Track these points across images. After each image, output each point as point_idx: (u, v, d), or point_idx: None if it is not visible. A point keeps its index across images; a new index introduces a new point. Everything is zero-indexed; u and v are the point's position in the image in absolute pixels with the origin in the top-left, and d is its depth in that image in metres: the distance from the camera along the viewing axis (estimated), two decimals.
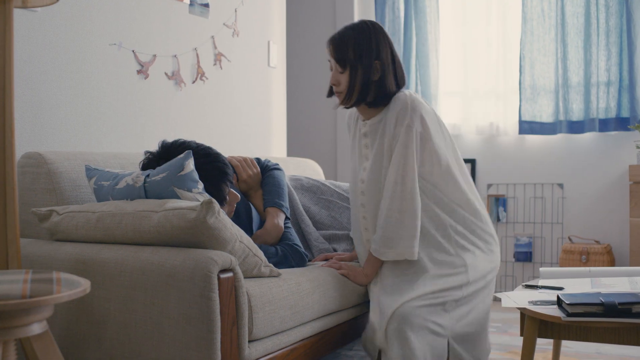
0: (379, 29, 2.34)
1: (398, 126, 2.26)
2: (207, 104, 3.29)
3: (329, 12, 5.12)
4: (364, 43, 2.30)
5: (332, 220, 2.71)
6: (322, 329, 2.21)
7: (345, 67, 2.32)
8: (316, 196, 2.82)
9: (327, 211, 2.75)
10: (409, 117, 2.25)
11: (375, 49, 2.30)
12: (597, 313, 1.84)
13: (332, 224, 2.72)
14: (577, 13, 4.22)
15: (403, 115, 2.25)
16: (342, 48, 2.32)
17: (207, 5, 3.27)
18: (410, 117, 2.25)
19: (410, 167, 2.24)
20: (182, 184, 1.95)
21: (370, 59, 2.29)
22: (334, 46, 2.34)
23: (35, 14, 2.38)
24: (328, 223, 2.71)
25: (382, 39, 2.33)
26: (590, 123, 4.19)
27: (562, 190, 4.40)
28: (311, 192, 2.83)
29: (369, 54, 2.29)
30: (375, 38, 2.31)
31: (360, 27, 2.33)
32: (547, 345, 3.10)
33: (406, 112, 2.25)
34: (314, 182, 2.88)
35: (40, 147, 2.38)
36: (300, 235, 2.66)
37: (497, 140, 4.59)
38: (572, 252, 4.13)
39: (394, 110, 2.28)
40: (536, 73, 4.36)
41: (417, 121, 2.25)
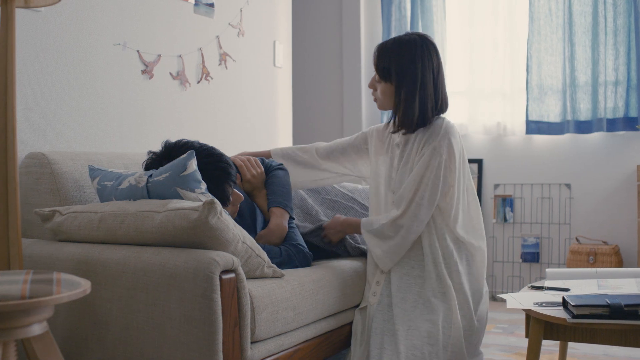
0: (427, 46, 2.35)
1: (426, 145, 2.31)
2: (213, 104, 3.28)
3: (335, 12, 5.11)
4: (411, 63, 2.32)
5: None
6: (326, 330, 2.20)
7: (386, 80, 2.38)
8: (321, 196, 2.81)
9: (332, 211, 2.74)
10: (438, 141, 2.29)
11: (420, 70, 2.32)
12: (603, 315, 1.81)
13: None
14: (584, 12, 4.20)
15: (434, 137, 2.31)
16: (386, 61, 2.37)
17: (212, 5, 3.27)
18: (440, 141, 2.29)
19: (422, 189, 2.27)
20: (184, 184, 1.95)
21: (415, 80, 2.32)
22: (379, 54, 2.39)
23: (39, 14, 2.38)
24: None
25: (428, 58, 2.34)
26: (598, 123, 4.17)
27: (569, 190, 4.37)
28: (316, 192, 2.82)
29: (413, 77, 2.32)
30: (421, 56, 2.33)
31: (408, 42, 2.35)
32: (554, 346, 3.08)
33: (437, 135, 2.30)
34: None
35: (44, 147, 2.38)
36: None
37: (504, 140, 4.57)
38: (580, 252, 4.10)
39: (426, 133, 2.35)
40: (543, 72, 4.33)
41: (445, 147, 2.29)
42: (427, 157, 2.28)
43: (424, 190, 2.27)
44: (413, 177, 2.29)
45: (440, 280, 2.26)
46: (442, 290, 2.25)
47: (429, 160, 2.28)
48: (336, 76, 5.10)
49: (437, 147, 2.28)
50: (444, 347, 2.13)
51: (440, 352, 2.12)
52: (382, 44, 2.40)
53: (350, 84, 5.04)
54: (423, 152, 2.30)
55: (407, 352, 2.09)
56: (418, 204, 2.27)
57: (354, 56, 5.02)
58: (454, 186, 2.32)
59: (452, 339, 2.15)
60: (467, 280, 2.30)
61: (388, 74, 2.36)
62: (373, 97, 2.48)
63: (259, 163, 2.59)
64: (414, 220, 2.28)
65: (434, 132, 2.32)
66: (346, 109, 5.05)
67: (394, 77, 2.35)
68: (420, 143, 2.33)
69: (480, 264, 2.38)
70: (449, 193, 2.32)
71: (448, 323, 2.18)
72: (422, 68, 2.32)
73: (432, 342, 2.11)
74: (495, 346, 3.16)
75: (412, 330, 2.16)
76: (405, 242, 2.30)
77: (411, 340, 2.12)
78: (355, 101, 5.02)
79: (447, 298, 2.23)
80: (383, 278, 2.33)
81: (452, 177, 2.32)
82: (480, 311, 2.30)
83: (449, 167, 2.30)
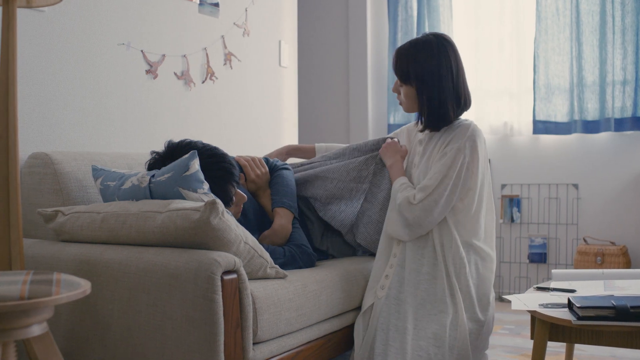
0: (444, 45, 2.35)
1: (450, 145, 2.30)
2: (217, 103, 3.27)
3: (341, 11, 5.10)
4: (429, 64, 2.33)
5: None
6: (330, 331, 2.19)
7: (407, 82, 2.38)
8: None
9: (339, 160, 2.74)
10: (463, 142, 2.27)
11: (437, 70, 2.32)
12: (609, 317, 1.80)
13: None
14: (592, 11, 4.17)
15: (459, 138, 2.29)
16: (404, 64, 2.37)
17: (217, 4, 3.26)
18: (465, 142, 2.28)
19: (444, 187, 2.25)
20: (187, 185, 1.94)
21: (433, 81, 2.33)
22: (398, 58, 2.39)
23: (43, 14, 2.38)
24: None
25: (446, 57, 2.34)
26: (606, 123, 4.14)
27: (577, 190, 4.34)
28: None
29: (431, 77, 2.33)
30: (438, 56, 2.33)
31: (425, 43, 2.35)
32: (560, 347, 3.06)
33: (463, 136, 2.29)
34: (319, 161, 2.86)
35: (48, 147, 2.38)
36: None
37: (511, 140, 4.54)
38: (587, 253, 4.07)
39: (451, 133, 2.33)
40: (550, 72, 4.30)
41: (468, 151, 2.27)
42: (450, 156, 2.27)
43: (444, 188, 2.25)
44: (436, 172, 2.28)
45: (449, 281, 2.24)
46: (451, 291, 2.23)
47: (453, 160, 2.26)
48: (342, 76, 5.09)
49: (461, 148, 2.27)
50: (450, 349, 2.11)
51: (447, 353, 2.10)
52: (400, 48, 2.40)
53: (356, 83, 5.02)
54: (445, 152, 2.29)
55: (413, 352, 2.07)
56: (435, 200, 2.25)
57: (360, 56, 5.00)
58: (474, 190, 2.30)
59: (458, 341, 2.13)
60: (475, 284, 2.27)
61: (408, 77, 2.37)
62: (399, 101, 2.48)
63: (263, 163, 2.58)
64: (428, 215, 2.26)
65: (460, 133, 2.30)
66: (352, 109, 5.03)
67: (414, 80, 2.35)
68: (444, 142, 2.32)
69: (489, 270, 2.34)
70: (467, 196, 2.30)
71: (454, 325, 2.16)
72: (438, 67, 2.31)
73: (438, 344, 2.09)
74: (502, 347, 3.14)
75: (418, 330, 2.14)
76: (412, 232, 2.29)
77: (417, 341, 2.10)
78: (361, 101, 5.01)
79: (454, 300, 2.21)
80: (392, 272, 2.30)
81: (472, 180, 2.29)
82: (487, 315, 2.28)
83: (471, 169, 2.28)
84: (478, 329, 2.22)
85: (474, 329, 2.21)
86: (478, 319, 2.23)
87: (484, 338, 2.26)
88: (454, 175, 2.25)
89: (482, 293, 2.29)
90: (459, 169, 2.26)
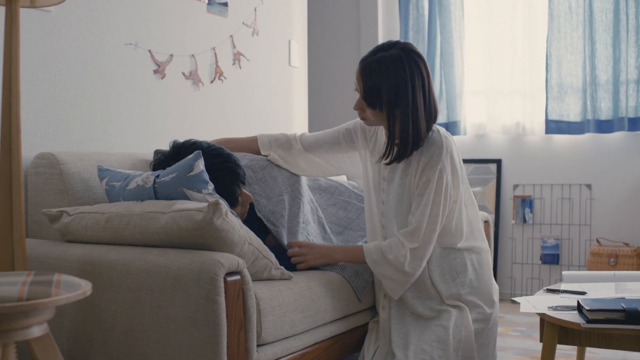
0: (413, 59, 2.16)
1: (429, 168, 2.16)
2: (226, 104, 3.26)
3: (352, 10, 5.07)
4: (400, 85, 2.13)
5: (348, 222, 2.66)
6: (336, 333, 2.17)
7: (374, 107, 2.18)
8: (334, 197, 2.77)
9: (344, 212, 2.70)
10: (442, 163, 2.16)
11: (411, 90, 2.14)
12: (619, 320, 1.76)
13: (349, 225, 2.67)
14: (605, 9, 4.12)
15: (437, 159, 2.16)
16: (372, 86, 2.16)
17: (226, 4, 3.25)
18: (444, 162, 2.17)
19: (435, 214, 2.16)
20: (191, 185, 1.93)
21: (407, 105, 2.14)
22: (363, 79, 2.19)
23: (49, 14, 2.37)
24: (344, 224, 2.66)
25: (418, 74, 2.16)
26: (619, 122, 4.09)
27: (590, 191, 4.29)
28: (329, 192, 2.78)
29: (405, 98, 2.14)
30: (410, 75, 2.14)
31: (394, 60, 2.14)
32: (572, 350, 3.02)
33: (440, 156, 2.16)
34: (332, 182, 2.84)
35: (55, 147, 2.38)
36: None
37: (524, 140, 4.50)
38: (600, 254, 4.03)
39: (429, 150, 2.18)
40: (563, 71, 4.26)
41: (449, 168, 2.18)
42: (435, 182, 2.15)
43: (435, 215, 2.16)
44: (424, 206, 2.15)
45: (451, 292, 2.20)
46: (454, 300, 2.19)
47: (436, 185, 2.15)
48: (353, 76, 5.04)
49: (442, 169, 2.16)
50: (455, 351, 2.08)
51: (452, 355, 2.07)
52: (365, 64, 2.19)
53: None
54: (428, 175, 2.16)
55: (415, 356, 2.04)
56: (432, 230, 2.16)
57: None
58: (457, 201, 2.24)
59: (462, 343, 2.10)
60: (478, 286, 2.24)
61: (377, 100, 2.16)
62: (360, 117, 2.29)
63: None
64: (430, 245, 2.18)
65: (437, 152, 2.16)
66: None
67: (385, 104, 2.15)
68: (422, 162, 2.17)
69: (486, 266, 2.30)
70: (452, 209, 2.23)
71: (459, 326, 2.12)
72: (412, 89, 2.13)
73: (442, 347, 2.06)
74: (512, 349, 3.11)
75: (421, 334, 2.12)
76: (422, 269, 2.20)
77: (420, 345, 2.08)
78: None
79: (457, 304, 2.18)
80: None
81: (456, 193, 2.22)
82: (494, 307, 2.24)
83: (454, 185, 2.21)
84: (484, 325, 2.19)
85: (480, 328, 2.17)
86: (485, 314, 2.20)
87: (490, 332, 2.22)
88: (441, 198, 2.16)
89: (486, 291, 2.25)
90: (444, 191, 2.16)
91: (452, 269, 2.22)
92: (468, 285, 2.21)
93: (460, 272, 2.22)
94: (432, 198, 2.15)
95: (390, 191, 2.28)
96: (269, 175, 2.47)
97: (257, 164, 2.48)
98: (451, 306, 2.19)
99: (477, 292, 2.22)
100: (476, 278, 2.24)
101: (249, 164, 2.45)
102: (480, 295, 2.23)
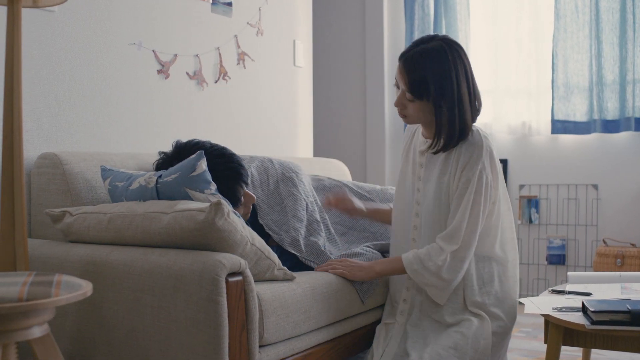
0: (455, 50, 2.14)
1: (469, 168, 2.12)
2: (231, 104, 3.26)
3: (357, 9, 5.06)
4: (445, 75, 2.10)
5: (352, 222, 2.65)
6: (339, 334, 2.16)
7: (422, 98, 2.13)
8: None
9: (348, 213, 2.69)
10: (482, 163, 2.12)
11: (455, 80, 2.11)
12: (624, 321, 1.75)
13: (353, 226, 2.66)
14: (612, 8, 4.09)
15: (477, 158, 2.12)
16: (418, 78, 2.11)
17: (230, 4, 3.24)
18: (484, 162, 2.12)
19: (475, 214, 2.11)
20: (194, 185, 1.92)
21: (452, 95, 2.11)
22: (407, 72, 2.13)
23: (52, 14, 2.37)
24: (348, 225, 2.65)
25: (460, 64, 2.13)
26: (626, 122, 4.06)
27: (596, 191, 4.27)
28: (332, 193, 2.77)
29: (450, 89, 2.11)
30: (454, 66, 2.11)
31: (437, 51, 2.11)
32: (577, 352, 3.00)
33: (480, 156, 2.12)
34: (336, 182, 2.83)
35: (59, 147, 2.38)
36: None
37: (530, 140, 4.48)
38: (607, 255, 4.00)
39: (469, 149, 2.14)
40: (569, 71, 4.23)
41: (489, 168, 2.14)
42: (475, 182, 2.11)
43: (476, 215, 2.11)
44: (464, 207, 2.11)
45: (475, 299, 2.15)
46: (477, 309, 2.14)
47: (476, 184, 2.11)
48: (359, 76, 5.05)
49: (482, 169, 2.11)
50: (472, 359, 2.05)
51: None
52: (408, 56, 2.14)
53: (373, 83, 4.99)
54: (468, 176, 2.12)
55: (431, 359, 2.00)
56: (473, 231, 2.11)
57: (377, 55, 4.96)
58: (496, 202, 2.19)
59: (479, 354, 2.05)
60: (503, 298, 2.17)
61: (423, 91, 2.11)
62: (400, 114, 2.22)
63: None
64: (471, 248, 2.12)
65: (477, 151, 2.13)
66: (369, 109, 5.00)
67: (433, 93, 2.11)
68: (462, 161, 2.14)
69: (512, 278, 2.25)
70: (492, 211, 2.19)
71: (478, 338, 2.07)
72: (457, 79, 2.11)
73: (458, 355, 2.01)
74: (518, 350, 3.09)
75: (438, 340, 2.07)
76: (463, 272, 2.14)
77: (437, 349, 2.03)
78: (378, 101, 4.97)
79: (479, 314, 2.14)
80: (410, 296, 2.23)
81: (495, 194, 2.18)
82: (513, 320, 2.21)
83: (493, 185, 2.16)
84: (502, 338, 2.15)
85: (498, 341, 2.13)
86: (505, 327, 2.16)
87: (505, 343, 2.20)
88: (481, 199, 2.11)
89: (508, 303, 2.20)
90: (485, 191, 2.12)
91: (480, 277, 2.17)
92: (494, 296, 2.16)
93: (487, 281, 2.17)
94: (473, 198, 2.11)
95: (426, 191, 2.24)
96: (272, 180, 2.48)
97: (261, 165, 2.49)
98: (473, 314, 2.13)
99: (501, 304, 2.17)
100: (501, 289, 2.19)
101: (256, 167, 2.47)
102: (503, 308, 2.17)
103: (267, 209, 2.40)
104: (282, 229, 2.34)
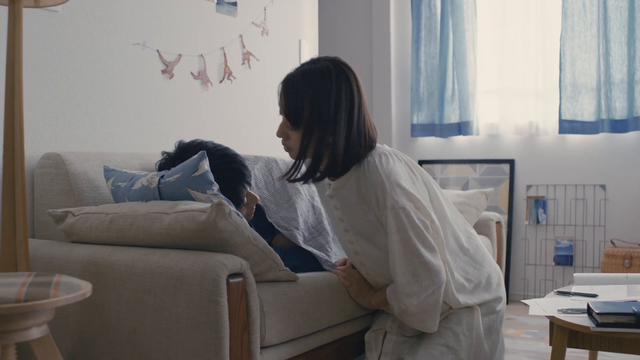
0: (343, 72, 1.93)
1: (382, 207, 1.90)
2: (235, 104, 3.25)
3: (364, 9, 5.05)
4: (323, 99, 1.87)
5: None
6: (342, 336, 2.14)
7: (297, 126, 1.91)
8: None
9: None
10: (391, 197, 1.86)
11: (334, 104, 1.88)
12: (629, 323, 1.72)
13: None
14: (620, 7, 4.06)
15: (383, 196, 1.88)
16: (295, 102, 1.90)
17: (235, 4, 3.24)
18: (392, 196, 1.86)
19: (412, 246, 1.86)
20: (196, 185, 1.91)
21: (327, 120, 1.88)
22: (286, 95, 1.93)
23: (56, 14, 2.37)
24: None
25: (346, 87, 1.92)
26: (634, 122, 4.03)
27: (604, 191, 4.24)
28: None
29: (326, 114, 1.88)
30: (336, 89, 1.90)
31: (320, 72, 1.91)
32: (584, 353, 2.98)
33: (385, 193, 1.87)
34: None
35: (62, 147, 2.38)
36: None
37: (537, 140, 4.45)
38: (615, 256, 3.97)
39: (371, 188, 1.91)
40: (577, 70, 4.21)
41: (400, 196, 1.87)
42: (393, 222, 1.87)
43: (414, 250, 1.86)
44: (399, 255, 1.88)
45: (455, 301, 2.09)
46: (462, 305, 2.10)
47: (396, 224, 1.86)
48: (365, 75, 5.03)
49: (394, 205, 1.86)
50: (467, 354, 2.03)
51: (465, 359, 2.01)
52: (288, 77, 1.94)
53: (379, 83, 4.97)
54: (383, 215, 1.90)
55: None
56: (420, 263, 1.87)
57: (384, 55, 4.95)
58: (433, 220, 1.96)
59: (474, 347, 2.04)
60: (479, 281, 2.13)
61: (298, 118, 1.89)
62: (285, 147, 1.98)
63: None
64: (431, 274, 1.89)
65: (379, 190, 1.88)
66: (376, 109, 4.98)
67: (306, 121, 1.88)
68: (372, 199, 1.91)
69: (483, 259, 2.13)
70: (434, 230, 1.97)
71: (470, 331, 2.06)
72: (336, 104, 1.89)
73: (452, 353, 2.00)
74: (524, 352, 3.07)
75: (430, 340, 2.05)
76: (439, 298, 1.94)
77: (429, 350, 2.02)
78: (384, 101, 4.95)
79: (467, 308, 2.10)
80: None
81: (425, 213, 1.92)
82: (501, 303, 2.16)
83: (419, 208, 1.90)
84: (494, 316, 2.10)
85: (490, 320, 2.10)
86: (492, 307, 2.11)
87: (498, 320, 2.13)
88: (410, 234, 1.86)
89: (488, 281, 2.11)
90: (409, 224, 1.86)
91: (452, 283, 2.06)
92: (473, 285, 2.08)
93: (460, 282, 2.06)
94: (400, 238, 1.87)
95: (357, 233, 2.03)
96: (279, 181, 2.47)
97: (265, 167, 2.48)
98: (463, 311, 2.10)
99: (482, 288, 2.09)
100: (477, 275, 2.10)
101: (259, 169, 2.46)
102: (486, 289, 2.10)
103: (274, 207, 2.39)
104: (292, 225, 2.33)
